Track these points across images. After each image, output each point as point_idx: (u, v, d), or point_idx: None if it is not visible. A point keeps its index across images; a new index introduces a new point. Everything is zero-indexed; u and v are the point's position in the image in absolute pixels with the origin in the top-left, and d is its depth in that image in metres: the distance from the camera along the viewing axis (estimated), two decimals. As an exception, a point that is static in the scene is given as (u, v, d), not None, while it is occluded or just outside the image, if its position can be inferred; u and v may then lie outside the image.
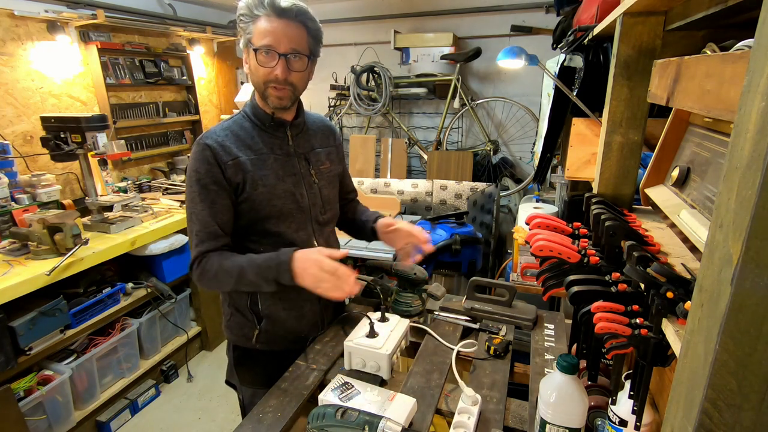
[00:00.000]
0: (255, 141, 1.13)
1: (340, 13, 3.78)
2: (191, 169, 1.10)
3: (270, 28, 1.02)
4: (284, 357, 1.21)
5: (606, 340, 0.64)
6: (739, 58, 0.46)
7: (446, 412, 0.99)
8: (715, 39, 0.85)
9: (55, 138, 2.17)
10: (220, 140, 1.10)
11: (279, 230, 1.15)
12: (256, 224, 1.14)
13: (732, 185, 0.36)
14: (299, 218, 1.18)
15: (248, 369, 1.27)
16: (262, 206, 1.12)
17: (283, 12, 1.01)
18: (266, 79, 1.06)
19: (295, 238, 1.18)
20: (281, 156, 1.16)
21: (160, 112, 3.41)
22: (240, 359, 1.27)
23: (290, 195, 1.15)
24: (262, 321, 1.20)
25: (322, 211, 1.24)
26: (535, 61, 1.55)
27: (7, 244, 2.05)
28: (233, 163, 1.09)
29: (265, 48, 1.02)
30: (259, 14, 1.01)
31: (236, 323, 1.24)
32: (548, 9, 3.17)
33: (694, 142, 0.80)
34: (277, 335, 1.22)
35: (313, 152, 1.23)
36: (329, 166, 1.27)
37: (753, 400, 0.37)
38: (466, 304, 1.34)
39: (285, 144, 1.17)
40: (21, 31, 2.55)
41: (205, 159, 1.08)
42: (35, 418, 1.90)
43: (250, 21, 1.03)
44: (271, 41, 1.02)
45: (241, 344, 1.25)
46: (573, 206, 1.04)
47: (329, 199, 1.27)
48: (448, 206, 3.17)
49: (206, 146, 1.08)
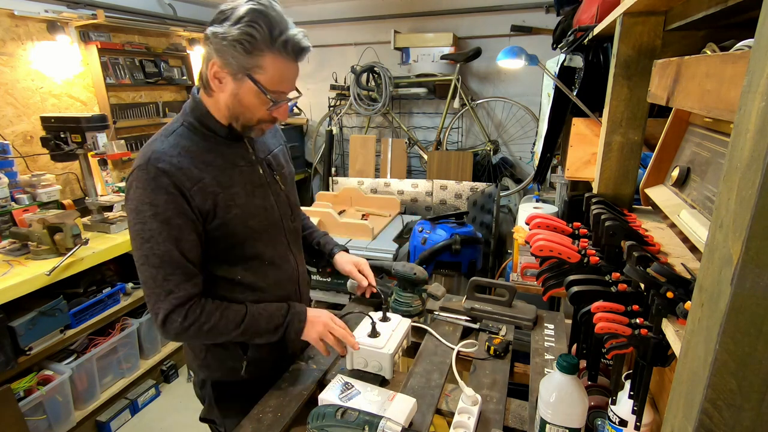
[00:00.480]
0: (214, 156, 0.97)
1: (340, 13, 3.78)
2: (141, 202, 0.89)
3: (288, 73, 0.92)
4: (272, 379, 1.11)
5: (606, 340, 0.64)
6: (739, 58, 0.46)
7: (446, 412, 0.99)
8: (715, 39, 0.85)
9: (55, 138, 2.18)
10: (175, 162, 0.91)
11: (257, 251, 1.04)
12: (233, 249, 1.01)
13: (732, 185, 0.36)
14: (273, 233, 1.07)
15: (233, 402, 1.13)
16: (237, 229, 0.99)
17: (300, 54, 0.91)
18: (263, 119, 0.96)
19: (273, 255, 1.08)
20: (246, 167, 1.02)
21: (160, 112, 3.41)
22: (222, 395, 1.14)
23: (263, 210, 1.04)
24: (248, 349, 1.08)
25: (291, 219, 1.14)
26: (535, 61, 1.55)
27: (7, 244, 2.05)
28: (198, 188, 0.92)
29: (279, 94, 0.93)
30: (271, 51, 0.87)
31: (215, 359, 1.09)
32: (548, 9, 3.17)
33: (694, 142, 0.80)
34: (265, 359, 1.12)
35: (272, 155, 1.12)
36: (286, 167, 1.17)
37: (753, 400, 0.37)
38: (466, 304, 1.34)
39: (246, 153, 1.03)
40: (21, 31, 2.55)
41: (162, 188, 0.88)
42: (35, 418, 1.90)
43: (257, 53, 0.87)
44: (287, 88, 0.93)
45: (224, 379, 1.12)
46: (573, 206, 1.04)
47: (295, 203, 1.18)
48: (448, 206, 3.17)
49: (161, 172, 0.88)
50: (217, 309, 0.96)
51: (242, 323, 0.97)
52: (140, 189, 0.89)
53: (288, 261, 1.14)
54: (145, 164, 0.89)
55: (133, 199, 0.90)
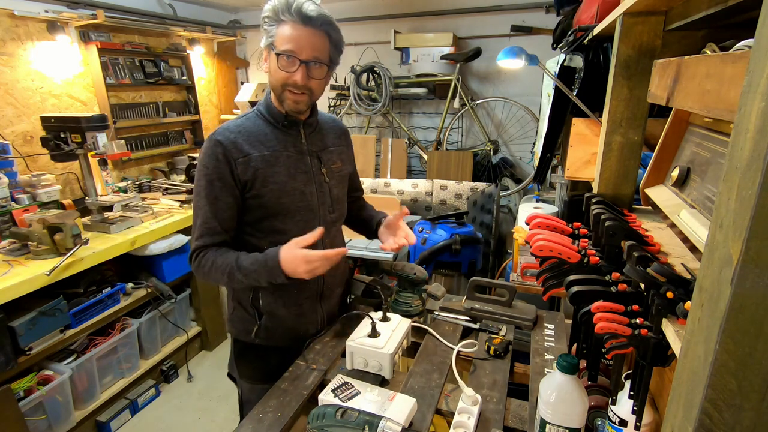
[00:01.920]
0: (268, 138, 1.15)
1: (340, 13, 3.78)
2: (200, 164, 1.12)
3: (294, 34, 1.03)
4: (283, 353, 1.23)
5: (606, 340, 0.64)
6: (739, 58, 0.46)
7: (446, 412, 0.99)
8: (715, 39, 0.85)
9: (55, 138, 2.17)
10: (232, 137, 1.11)
11: (285, 228, 1.16)
12: (264, 221, 1.16)
13: (732, 185, 0.37)
14: (307, 216, 1.19)
15: (248, 363, 1.29)
16: (271, 203, 1.13)
17: (308, 20, 1.03)
18: (284, 83, 1.07)
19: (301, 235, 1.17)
20: (294, 154, 1.17)
21: (160, 112, 3.41)
22: (240, 353, 1.29)
23: (300, 193, 1.16)
24: (263, 317, 1.22)
25: (330, 210, 1.24)
26: (535, 61, 1.55)
27: (7, 244, 2.05)
28: (244, 160, 1.10)
29: (287, 53, 1.04)
30: (285, 19, 1.03)
31: (238, 317, 1.25)
32: (548, 9, 3.17)
33: (694, 142, 0.80)
34: (277, 332, 1.23)
35: (326, 151, 1.24)
36: (341, 165, 1.28)
37: (753, 400, 0.37)
38: (466, 304, 1.34)
39: (298, 142, 1.18)
40: (21, 31, 2.55)
41: (215, 155, 1.09)
42: (35, 418, 1.90)
43: (274, 24, 1.04)
44: (294, 47, 1.03)
45: (242, 338, 1.27)
46: (573, 206, 1.04)
47: (338, 198, 1.28)
48: (448, 206, 3.17)
49: (217, 143, 1.10)
50: (214, 258, 1.11)
51: (228, 274, 1.10)
52: (202, 153, 1.12)
53: (315, 245, 1.17)
54: (211, 136, 1.11)
55: (198, 161, 1.14)
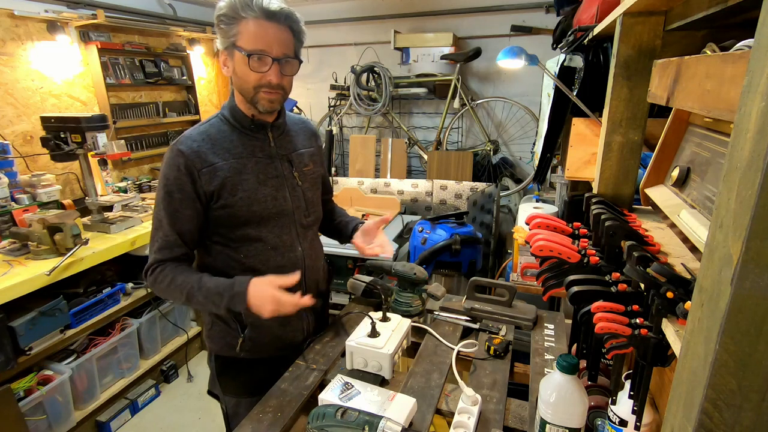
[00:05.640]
0: (234, 144, 1.10)
1: (340, 13, 3.78)
2: (161, 173, 1.07)
3: (261, 32, 0.99)
4: (270, 364, 1.19)
5: (606, 340, 0.64)
6: (739, 58, 0.46)
7: (446, 412, 0.99)
8: (715, 39, 0.85)
9: (55, 138, 2.17)
10: (195, 146, 1.06)
11: (260, 235, 1.12)
12: (236, 229, 1.11)
13: (732, 185, 0.36)
14: (282, 222, 1.15)
15: (231, 378, 1.23)
16: (241, 212, 1.09)
17: (272, 15, 0.99)
18: (257, 84, 1.03)
19: (278, 242, 1.15)
20: (262, 159, 1.13)
21: (160, 112, 3.40)
22: (223, 369, 1.23)
23: (272, 199, 1.12)
24: (246, 328, 1.16)
25: (305, 214, 1.21)
26: (535, 61, 1.55)
27: (7, 244, 2.05)
28: (208, 170, 1.05)
29: (257, 53, 0.99)
30: (246, 16, 0.98)
31: (218, 332, 1.20)
32: (548, 9, 3.17)
33: (694, 142, 0.80)
34: (263, 342, 1.19)
35: (296, 153, 1.20)
36: (312, 167, 1.24)
37: (753, 400, 0.37)
38: (466, 304, 1.34)
39: (266, 146, 1.14)
40: (21, 31, 2.55)
41: (176, 165, 1.04)
42: (35, 418, 1.90)
43: (233, 23, 0.99)
44: (264, 46, 0.99)
45: (223, 353, 1.21)
46: (573, 206, 1.04)
47: (313, 201, 1.24)
48: (448, 206, 3.17)
49: (179, 152, 1.04)
50: (171, 276, 1.06)
51: (186, 293, 1.05)
52: (164, 163, 1.07)
53: (294, 250, 1.18)
54: (173, 145, 1.07)
55: (161, 169, 1.09)
